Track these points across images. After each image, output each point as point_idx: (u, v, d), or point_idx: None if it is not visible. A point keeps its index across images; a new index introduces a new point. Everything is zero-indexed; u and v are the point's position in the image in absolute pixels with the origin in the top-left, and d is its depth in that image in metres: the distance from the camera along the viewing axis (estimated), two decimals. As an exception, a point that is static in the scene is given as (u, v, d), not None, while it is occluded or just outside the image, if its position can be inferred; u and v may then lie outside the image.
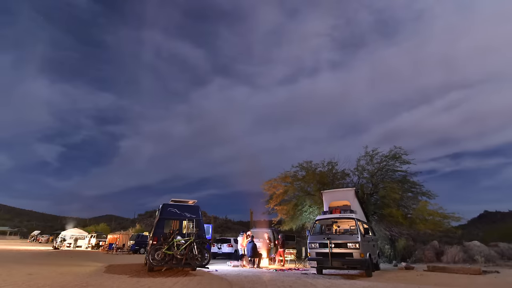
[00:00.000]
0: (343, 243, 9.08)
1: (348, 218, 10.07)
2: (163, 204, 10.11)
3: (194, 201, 10.85)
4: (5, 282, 6.13)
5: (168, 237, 8.97)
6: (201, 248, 8.95)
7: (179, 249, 8.66)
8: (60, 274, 7.83)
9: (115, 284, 6.42)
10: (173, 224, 10.15)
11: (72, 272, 8.46)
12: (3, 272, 7.69)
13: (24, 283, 6.01)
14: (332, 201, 11.49)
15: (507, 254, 14.93)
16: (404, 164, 15.49)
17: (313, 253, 9.60)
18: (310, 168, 17.41)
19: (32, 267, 9.25)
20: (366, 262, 8.76)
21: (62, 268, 9.54)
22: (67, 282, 6.44)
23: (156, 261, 8.51)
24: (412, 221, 14.67)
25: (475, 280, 8.25)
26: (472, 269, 9.84)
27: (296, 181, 17.55)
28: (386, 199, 14.69)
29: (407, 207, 15.36)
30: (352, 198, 11.14)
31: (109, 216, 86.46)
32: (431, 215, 14.14)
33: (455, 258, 14.06)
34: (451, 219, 14.13)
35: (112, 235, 29.38)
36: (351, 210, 10.51)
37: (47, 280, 6.56)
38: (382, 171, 16.01)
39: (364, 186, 16.31)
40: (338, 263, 9.04)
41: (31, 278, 6.84)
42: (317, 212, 15.50)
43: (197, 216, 9.87)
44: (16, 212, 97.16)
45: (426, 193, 14.95)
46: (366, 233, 9.72)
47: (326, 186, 15.81)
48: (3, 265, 9.55)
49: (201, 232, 9.50)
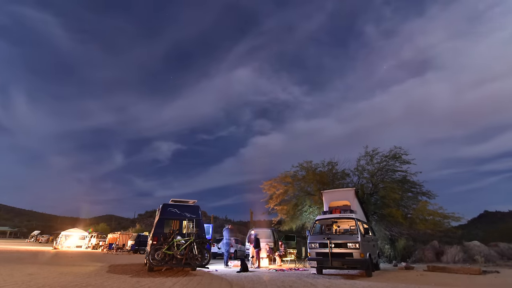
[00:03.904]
0: (343, 243, 9.08)
1: (348, 218, 10.07)
2: (163, 204, 10.10)
3: (194, 201, 10.85)
4: (5, 282, 6.13)
5: (168, 237, 8.97)
6: (201, 248, 8.95)
7: (179, 249, 8.67)
8: (60, 274, 7.83)
9: (115, 284, 6.42)
10: (173, 224, 10.15)
11: (72, 272, 8.45)
12: (4, 272, 7.69)
13: (24, 283, 6.00)
14: (332, 201, 11.49)
15: (507, 254, 14.93)
16: (404, 164, 15.52)
17: (313, 253, 9.59)
18: (310, 168, 17.42)
19: (32, 267, 9.25)
20: (366, 262, 8.76)
21: (62, 268, 9.54)
22: (67, 282, 6.44)
23: (156, 261, 8.51)
24: (412, 221, 14.67)
25: (475, 280, 8.24)
26: (472, 269, 9.84)
27: (296, 181, 17.56)
28: (386, 199, 14.69)
29: (407, 207, 15.37)
30: (352, 198, 11.13)
31: (109, 216, 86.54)
32: (431, 215, 14.14)
33: (455, 258, 14.07)
34: (451, 219, 14.14)
35: (112, 235, 29.43)
36: (351, 210, 10.51)
37: (47, 280, 6.56)
38: (382, 171, 16.01)
39: (364, 186, 16.31)
40: (338, 263, 9.04)
41: (31, 278, 6.84)
42: (317, 212, 15.51)
43: (197, 216, 9.87)
44: (16, 212, 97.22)
45: (426, 193, 14.98)
46: (366, 233, 9.72)
47: (326, 186, 15.81)
48: (4, 265, 9.54)
49: (201, 232, 9.50)
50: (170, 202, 10.57)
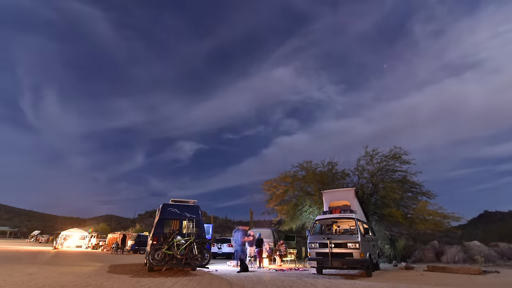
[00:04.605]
0: (343, 243, 9.08)
1: (348, 218, 10.07)
2: (163, 204, 10.10)
3: (194, 201, 10.85)
4: (5, 282, 6.13)
5: (168, 237, 8.97)
6: (201, 248, 8.95)
7: (179, 249, 8.67)
8: (60, 274, 7.83)
9: (115, 284, 6.42)
10: (173, 224, 10.15)
11: (72, 272, 8.45)
12: (4, 272, 7.69)
13: (24, 283, 6.00)
14: (332, 201, 11.49)
15: (507, 254, 14.92)
16: (404, 164, 15.51)
17: (313, 253, 9.59)
18: (310, 168, 17.40)
19: (32, 267, 9.25)
20: (366, 262, 8.76)
21: (62, 268, 9.54)
22: (67, 282, 6.44)
23: (156, 261, 8.51)
24: (412, 221, 14.67)
25: (475, 280, 8.24)
26: (472, 269, 9.84)
27: (296, 181, 17.53)
28: (386, 199, 14.68)
29: (407, 207, 15.37)
30: (352, 198, 11.13)
31: (109, 216, 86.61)
32: (431, 215, 14.14)
33: (455, 258, 14.06)
34: (451, 219, 14.14)
35: (112, 235, 29.45)
36: (351, 210, 10.51)
37: (47, 280, 6.56)
38: (382, 171, 16.00)
39: (364, 186, 16.30)
40: (338, 263, 9.04)
41: (31, 278, 6.84)
42: (317, 212, 15.50)
43: (197, 216, 9.87)
44: (16, 212, 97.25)
45: (426, 193, 14.96)
46: (366, 233, 9.72)
47: (326, 186, 15.80)
48: (3, 265, 9.54)
49: (201, 232, 9.50)
50: (170, 202, 10.57)
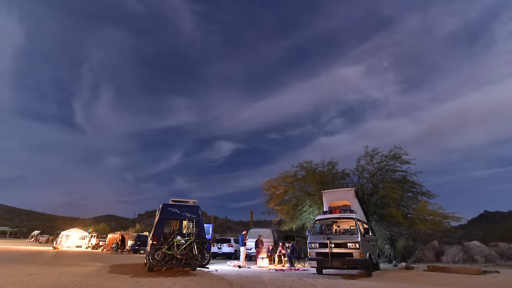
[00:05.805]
0: (343, 243, 9.08)
1: (348, 218, 10.07)
2: (163, 204, 10.10)
3: (194, 201, 10.85)
4: (5, 282, 6.13)
5: (168, 237, 8.97)
6: (201, 248, 8.95)
7: (179, 249, 8.66)
8: (60, 274, 7.83)
9: (115, 284, 6.42)
10: (173, 224, 10.15)
11: (72, 272, 8.45)
12: (4, 272, 7.69)
13: (24, 283, 6.00)
14: (332, 201, 11.49)
15: (507, 254, 14.93)
16: (404, 164, 15.51)
17: (313, 253, 9.59)
18: (310, 168, 17.40)
19: (32, 267, 9.25)
20: (366, 262, 8.76)
21: (62, 268, 9.54)
22: (67, 282, 6.44)
23: (156, 261, 8.51)
24: (412, 221, 14.67)
25: (475, 280, 8.24)
26: (472, 269, 9.84)
27: (296, 181, 17.54)
28: (386, 199, 14.68)
29: (407, 207, 15.37)
30: (352, 198, 11.13)
31: (109, 216, 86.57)
32: (431, 215, 14.12)
33: (455, 258, 14.06)
34: (451, 219, 14.12)
35: (112, 235, 29.44)
36: (351, 210, 10.51)
37: (47, 280, 6.56)
38: (382, 171, 16.00)
39: (364, 186, 16.30)
40: (338, 263, 9.04)
41: (31, 278, 6.84)
42: (317, 212, 15.50)
43: (197, 216, 9.87)
44: (16, 212, 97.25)
45: (426, 193, 14.97)
46: (366, 233, 9.72)
47: (326, 186, 15.80)
48: (4, 265, 9.54)
49: (201, 232, 9.50)
50: (170, 202, 10.57)
